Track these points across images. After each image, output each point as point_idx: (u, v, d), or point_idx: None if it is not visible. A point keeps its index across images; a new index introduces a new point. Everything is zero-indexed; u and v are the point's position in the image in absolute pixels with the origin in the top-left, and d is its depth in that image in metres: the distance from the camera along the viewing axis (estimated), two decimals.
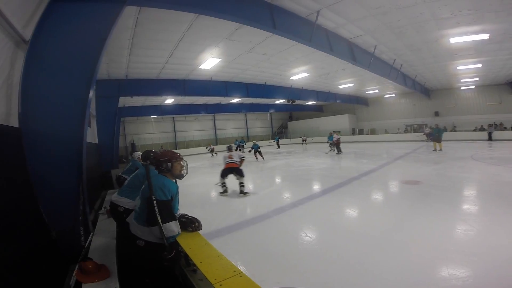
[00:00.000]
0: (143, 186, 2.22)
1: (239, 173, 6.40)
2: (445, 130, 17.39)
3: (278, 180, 8.46)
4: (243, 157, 6.90)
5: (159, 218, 1.91)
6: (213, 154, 20.54)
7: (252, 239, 3.65)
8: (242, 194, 6.23)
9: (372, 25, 7.46)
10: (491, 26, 7.62)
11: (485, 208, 4.22)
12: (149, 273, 2.02)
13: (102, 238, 3.20)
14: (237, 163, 6.59)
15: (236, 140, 21.70)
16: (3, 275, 1.95)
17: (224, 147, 8.26)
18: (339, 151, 14.43)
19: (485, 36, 8.27)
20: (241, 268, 2.77)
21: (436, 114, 22.53)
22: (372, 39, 8.57)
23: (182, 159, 2.35)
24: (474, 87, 19.91)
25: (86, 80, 3.17)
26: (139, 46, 7.25)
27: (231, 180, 6.59)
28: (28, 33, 2.76)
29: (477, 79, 17.03)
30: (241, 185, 6.35)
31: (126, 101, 15.58)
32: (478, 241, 3.03)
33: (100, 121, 10.00)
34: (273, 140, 25.75)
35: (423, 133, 17.02)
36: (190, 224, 2.22)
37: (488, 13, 6.73)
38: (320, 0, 5.75)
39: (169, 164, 2.24)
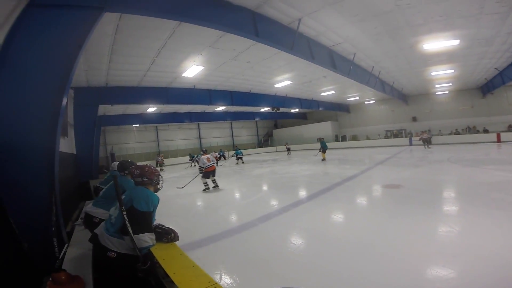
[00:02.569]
0: (123, 196, 2.15)
1: (214, 173, 8.11)
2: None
3: (263, 188, 8.42)
4: (216, 159, 8.45)
5: (130, 228, 1.86)
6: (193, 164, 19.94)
7: (237, 248, 3.56)
8: (216, 187, 8.02)
9: (350, 33, 7.74)
10: (461, 32, 8.09)
11: (463, 209, 4.36)
12: (123, 284, 1.92)
13: (77, 249, 3.09)
14: (215, 164, 8.18)
15: (221, 150, 21.32)
16: None
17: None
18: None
19: (456, 41, 8.80)
20: (225, 277, 2.68)
21: (414, 119, 23.48)
22: (351, 46, 8.89)
23: (159, 174, 2.47)
24: (448, 92, 20.98)
25: (60, 87, 3.07)
26: (120, 53, 7.09)
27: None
28: (0, 38, 2.64)
29: (450, 84, 17.98)
30: (214, 180, 8.13)
31: (106, 109, 15.10)
32: (459, 242, 3.09)
33: (78, 130, 9.59)
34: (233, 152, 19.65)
35: (419, 138, 17.27)
36: (166, 235, 2.16)
37: (458, 19, 7.14)
38: (301, 8, 5.91)
39: (145, 178, 2.29)
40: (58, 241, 3.15)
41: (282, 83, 13.35)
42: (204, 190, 7.85)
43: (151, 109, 17.43)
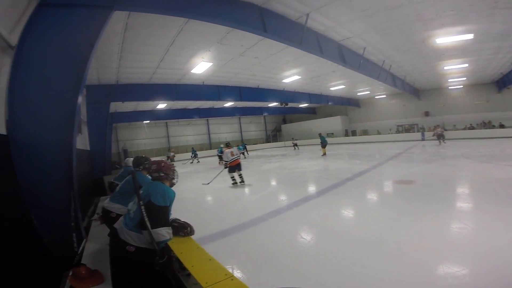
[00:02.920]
0: (141, 191, 2.21)
1: (240, 167, 7.87)
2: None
3: (272, 183, 8.47)
4: (239, 154, 8.24)
5: (148, 223, 1.92)
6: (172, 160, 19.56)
7: (247, 242, 3.63)
8: (243, 183, 7.77)
9: (360, 27, 7.59)
10: (474, 26, 7.84)
11: (477, 206, 4.29)
12: (141, 278, 1.99)
13: (95, 244, 3.19)
14: (239, 158, 7.95)
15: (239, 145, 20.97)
16: None
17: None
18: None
19: (470, 36, 8.51)
20: (236, 272, 2.75)
21: (426, 114, 22.90)
22: (361, 41, 8.72)
23: (175, 170, 2.48)
24: (462, 86, 20.34)
25: (75, 85, 3.15)
26: (129, 51, 7.20)
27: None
28: (14, 39, 2.72)
29: (465, 78, 17.43)
30: (241, 176, 7.87)
31: (117, 106, 15.40)
32: (472, 238, 3.05)
33: (91, 127, 9.85)
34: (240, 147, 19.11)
35: (433, 134, 16.64)
36: (182, 229, 2.22)
37: (470, 13, 6.92)
38: (309, 3, 5.83)
39: (162, 173, 2.31)
40: (77, 236, 3.26)
41: (291, 78, 13.25)
42: (232, 184, 7.76)
43: (161, 105, 17.66)
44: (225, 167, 7.98)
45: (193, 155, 19.84)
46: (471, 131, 18.70)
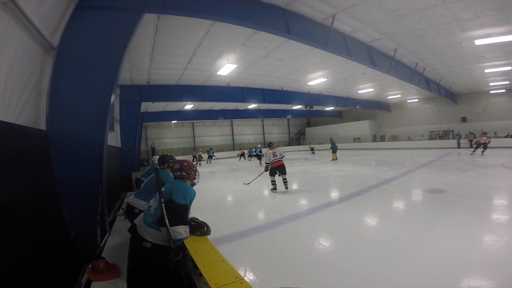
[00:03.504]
0: (163, 189, 2.28)
1: (283, 170, 6.93)
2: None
3: (294, 186, 8.31)
4: (283, 155, 7.32)
5: (167, 220, 1.96)
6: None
7: (264, 245, 3.60)
8: (287, 189, 6.84)
9: (390, 28, 7.24)
10: None
11: None
12: (155, 274, 2.05)
13: (117, 238, 3.26)
14: (282, 160, 7.06)
15: (251, 148, 21.43)
16: (21, 270, 2.06)
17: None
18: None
19: None
20: (249, 274, 2.73)
21: (463, 119, 21.24)
22: (392, 42, 8.31)
23: (197, 170, 2.53)
24: (504, 90, 18.62)
25: (109, 85, 3.32)
26: (160, 53, 7.54)
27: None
28: (55, 40, 2.95)
29: (507, 82, 15.95)
30: (285, 181, 6.94)
31: (148, 106, 16.20)
32: (506, 252, 2.80)
33: (123, 125, 10.44)
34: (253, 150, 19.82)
35: (474, 142, 14.76)
36: (199, 228, 2.24)
37: None
38: (335, 4, 5.68)
39: (184, 172, 2.36)
40: (101, 230, 3.39)
41: (316, 81, 12.98)
42: (272, 190, 6.97)
43: (188, 106, 18.26)
44: (266, 170, 7.23)
45: (208, 155, 20.43)
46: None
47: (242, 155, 22.01)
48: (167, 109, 18.98)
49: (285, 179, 6.92)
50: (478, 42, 8.26)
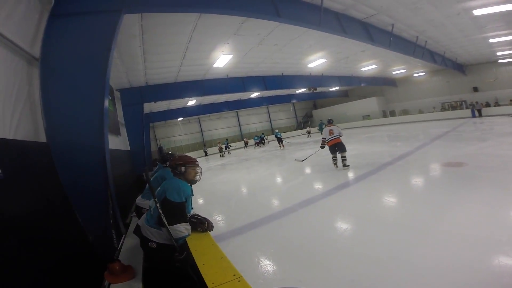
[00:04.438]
0: (158, 188, 2.26)
1: (341, 148, 6.83)
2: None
3: (305, 171, 8.22)
4: (342, 134, 7.12)
5: (164, 220, 1.93)
6: (222, 154, 20.56)
7: (276, 234, 3.55)
8: (346, 167, 6.76)
9: (384, 3, 6.83)
10: None
11: None
12: (165, 273, 2.05)
13: (132, 239, 3.31)
14: (339, 138, 6.91)
15: (256, 136, 21.82)
16: (48, 278, 2.09)
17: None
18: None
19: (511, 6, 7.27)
20: (261, 265, 2.69)
21: (475, 89, 20.36)
22: (388, 17, 7.90)
23: (198, 165, 2.39)
24: None
25: (100, 89, 3.27)
26: (151, 52, 7.40)
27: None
28: (37, 51, 2.88)
29: None
30: (344, 158, 6.84)
31: (152, 106, 16.27)
32: None
33: (129, 128, 10.55)
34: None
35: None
36: (200, 225, 2.21)
37: None
38: None
39: (183, 168, 2.29)
40: (116, 232, 3.42)
41: (316, 62, 12.58)
42: (334, 165, 7.10)
43: (191, 102, 18.22)
44: (322, 147, 7.30)
45: (225, 146, 20.43)
46: None
47: (246, 144, 22.25)
48: (171, 107, 19.02)
49: (344, 156, 6.88)
50: (476, 12, 7.86)
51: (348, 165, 6.80)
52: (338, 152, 6.91)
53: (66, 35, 3.07)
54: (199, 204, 6.02)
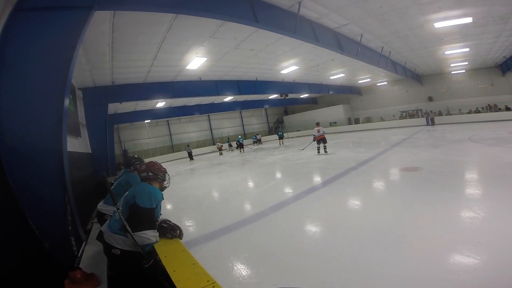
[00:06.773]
0: (126, 193, 2.14)
1: (324, 140, 10.68)
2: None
3: (276, 175, 8.37)
4: (325, 131, 11.07)
5: (128, 226, 1.85)
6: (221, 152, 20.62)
7: (249, 239, 3.54)
8: (326, 153, 10.57)
9: (355, 14, 7.33)
10: (472, 10, 7.58)
11: (489, 193, 4.07)
12: (133, 280, 1.93)
13: (94, 247, 3.17)
14: (323, 134, 10.75)
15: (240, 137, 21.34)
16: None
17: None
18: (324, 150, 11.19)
19: (468, 19, 8.23)
20: (236, 270, 2.66)
21: (430, 99, 22.59)
22: (357, 27, 8.47)
23: (167, 172, 2.38)
24: (464, 71, 19.97)
25: (60, 88, 3.07)
26: (120, 51, 7.04)
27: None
28: None
29: (466, 63, 17.08)
30: (325, 147, 10.75)
31: (117, 107, 15.36)
32: (485, 229, 2.87)
33: (91, 130, 9.84)
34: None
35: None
36: (171, 231, 2.12)
37: None
38: None
39: (157, 173, 2.25)
40: (76, 239, 3.23)
41: (289, 69, 13.01)
42: (317, 153, 10.83)
43: (160, 104, 17.57)
44: (314, 140, 11.03)
45: (237, 143, 20.02)
46: (477, 114, 18.35)
47: (220, 149, 20.92)
48: (138, 108, 18.14)
49: (325, 146, 10.71)
50: (437, 25, 8.64)
51: (327, 152, 10.61)
52: (321, 143, 10.67)
53: (29, 29, 2.85)
54: (168, 209, 5.79)
